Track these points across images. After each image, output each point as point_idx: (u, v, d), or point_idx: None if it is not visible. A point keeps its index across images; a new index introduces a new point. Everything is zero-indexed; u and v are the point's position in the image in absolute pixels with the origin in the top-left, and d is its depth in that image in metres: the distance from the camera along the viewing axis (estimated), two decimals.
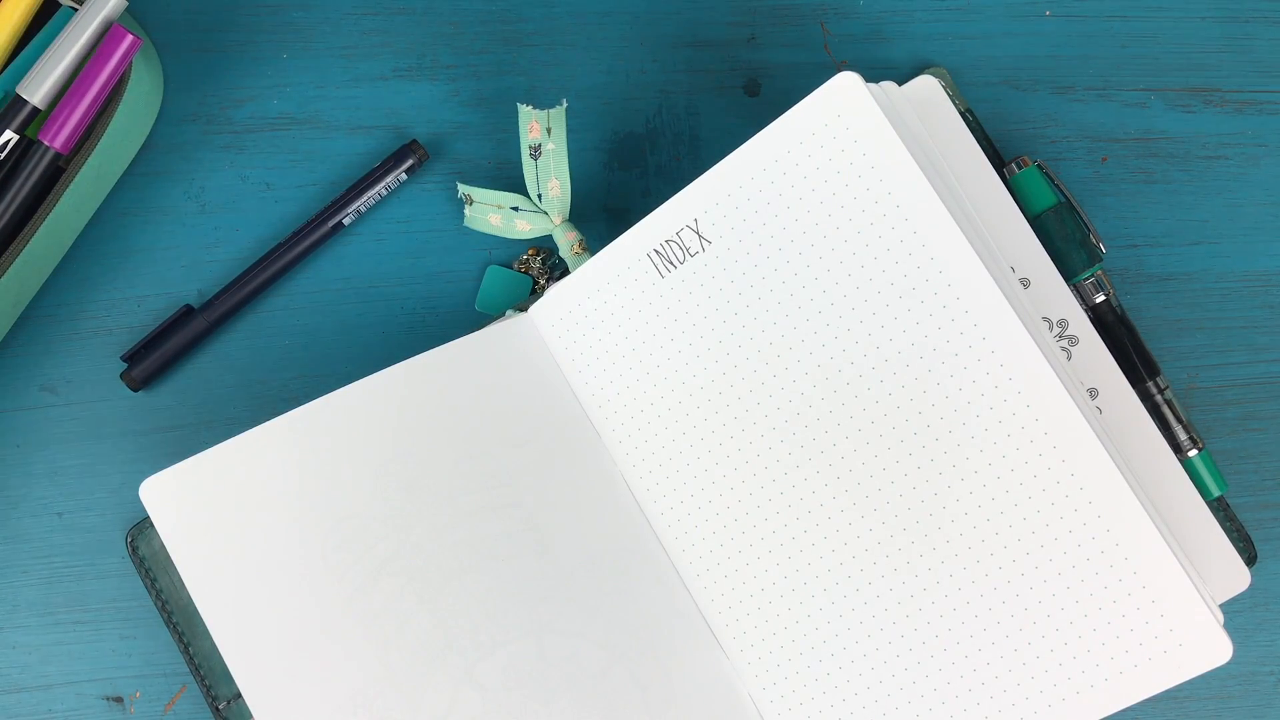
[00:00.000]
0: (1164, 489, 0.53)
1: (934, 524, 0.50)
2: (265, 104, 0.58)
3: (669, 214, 0.52)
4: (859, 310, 0.50)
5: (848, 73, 0.49)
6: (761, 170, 0.51)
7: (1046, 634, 0.50)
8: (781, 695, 0.53)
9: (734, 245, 0.52)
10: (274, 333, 0.57)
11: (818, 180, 0.50)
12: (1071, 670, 0.50)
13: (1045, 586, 0.50)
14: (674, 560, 0.54)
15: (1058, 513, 0.49)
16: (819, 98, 0.50)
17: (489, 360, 0.54)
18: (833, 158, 0.50)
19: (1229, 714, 0.57)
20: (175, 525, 0.51)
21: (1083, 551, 0.49)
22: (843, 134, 0.50)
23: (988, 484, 0.50)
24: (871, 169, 0.50)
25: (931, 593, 0.51)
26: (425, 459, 0.52)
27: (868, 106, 0.49)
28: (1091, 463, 0.49)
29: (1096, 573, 0.49)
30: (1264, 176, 0.58)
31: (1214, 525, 0.53)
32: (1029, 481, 0.49)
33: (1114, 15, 0.58)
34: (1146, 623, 0.49)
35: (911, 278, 0.50)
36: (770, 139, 0.51)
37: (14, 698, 0.56)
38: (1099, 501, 0.49)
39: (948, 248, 0.49)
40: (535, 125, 0.55)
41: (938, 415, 0.50)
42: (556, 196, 0.55)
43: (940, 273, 0.49)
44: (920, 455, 0.50)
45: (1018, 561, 0.50)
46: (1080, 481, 0.49)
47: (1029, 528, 0.49)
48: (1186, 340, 0.58)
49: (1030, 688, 0.50)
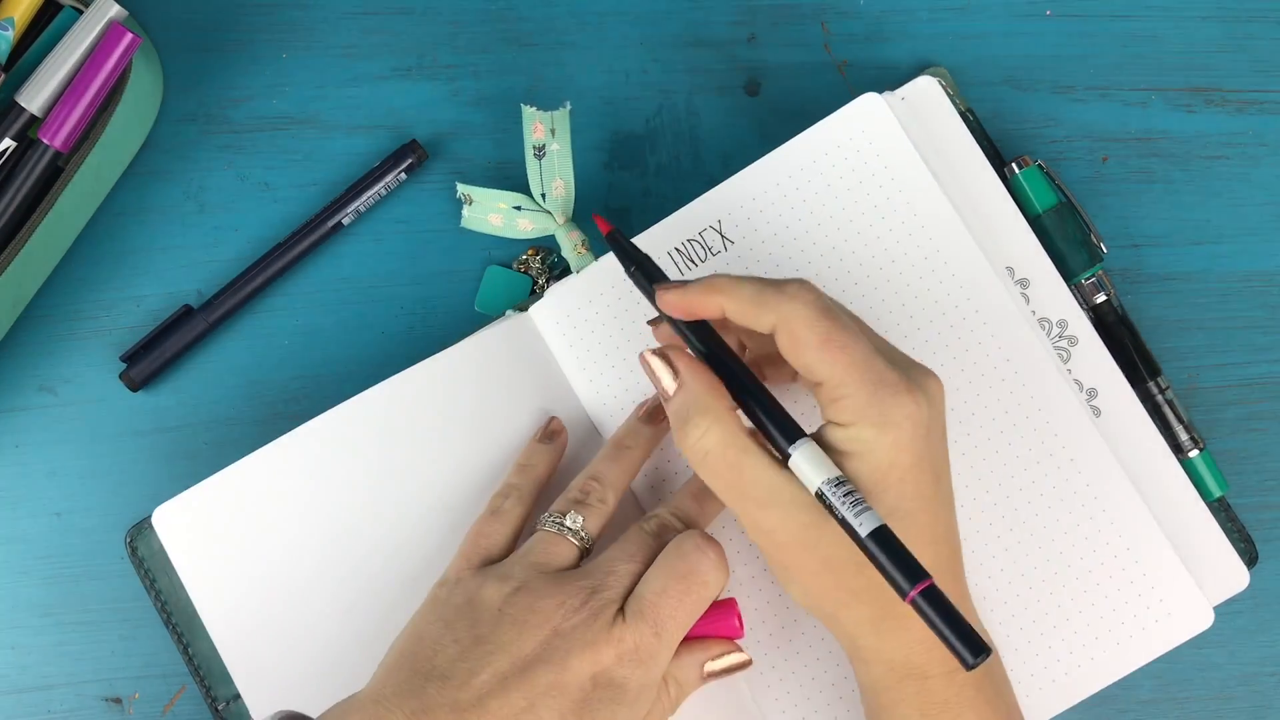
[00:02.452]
0: (1165, 489, 0.53)
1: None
2: (264, 104, 0.58)
3: (693, 214, 0.53)
4: (875, 310, 0.52)
5: (871, 95, 0.52)
6: (787, 177, 0.53)
7: (1050, 611, 0.51)
8: (787, 692, 0.53)
9: (755, 246, 0.53)
10: (274, 333, 0.57)
11: (840, 189, 0.53)
12: (1073, 645, 0.51)
13: (1048, 566, 0.52)
14: None
15: (1059, 496, 0.51)
16: (844, 117, 0.53)
17: (490, 365, 0.53)
18: (855, 169, 0.53)
19: (1229, 714, 0.57)
20: (189, 551, 0.52)
21: (1082, 532, 0.51)
22: (866, 148, 0.53)
23: (987, 458, 0.51)
24: (891, 180, 0.53)
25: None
26: (428, 466, 0.53)
27: (891, 128, 0.52)
28: (1085, 447, 0.51)
29: (1094, 550, 0.51)
30: (1264, 176, 0.58)
31: (1215, 526, 0.53)
32: (1032, 467, 0.51)
33: (1114, 15, 0.58)
34: (1139, 595, 0.51)
35: (926, 279, 0.52)
36: (796, 150, 0.53)
37: (14, 698, 0.56)
38: (1095, 484, 0.52)
39: (961, 256, 0.52)
40: (539, 126, 0.55)
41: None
42: (560, 196, 0.55)
43: (953, 275, 0.52)
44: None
45: (1023, 543, 0.51)
46: (1079, 466, 0.51)
47: (1033, 510, 0.51)
48: (1187, 340, 0.58)
49: (1034, 664, 0.51)
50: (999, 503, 0.52)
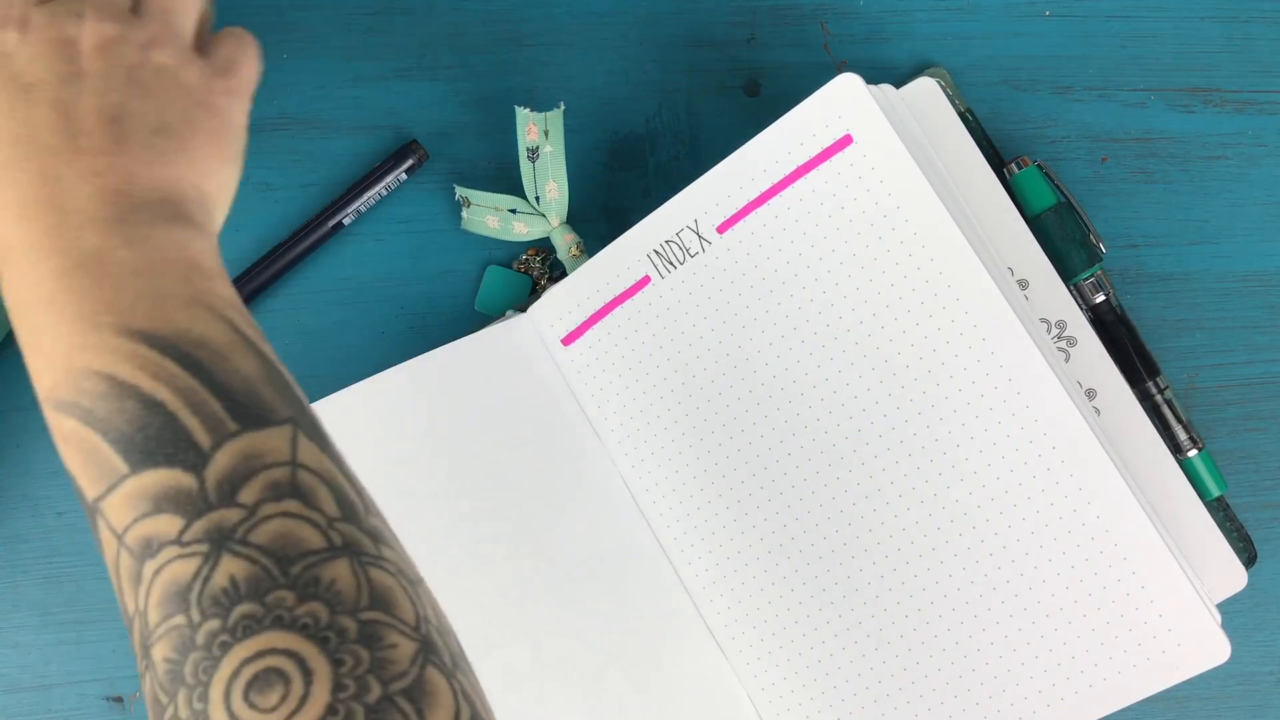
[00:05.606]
0: (1163, 489, 0.53)
1: (933, 524, 0.50)
2: (265, 104, 0.58)
3: (669, 215, 0.52)
4: (859, 310, 0.51)
5: (849, 74, 0.49)
6: (763, 171, 0.51)
7: (1045, 634, 0.50)
8: (780, 696, 0.53)
9: (734, 245, 0.52)
10: (274, 333, 0.57)
11: (818, 181, 0.50)
12: (1070, 670, 0.50)
13: (1044, 587, 0.50)
14: (672, 561, 0.54)
15: (1057, 513, 0.49)
16: (820, 99, 0.50)
17: (486, 363, 0.54)
18: (833, 159, 0.50)
19: (1229, 714, 0.57)
20: None
21: (1082, 552, 0.49)
22: (843, 135, 0.50)
23: (987, 485, 0.50)
24: (872, 170, 0.50)
25: (930, 593, 0.51)
26: (422, 462, 0.52)
27: (869, 109, 0.49)
28: (1091, 465, 0.49)
29: (1095, 573, 0.49)
30: (1264, 176, 0.58)
31: (1213, 525, 0.53)
32: (1028, 483, 0.49)
33: (1114, 15, 0.58)
34: (1145, 623, 0.49)
35: (911, 279, 0.50)
36: (771, 139, 0.51)
37: (14, 698, 0.56)
38: (1098, 503, 0.49)
39: (948, 248, 0.49)
40: (533, 127, 0.55)
41: (937, 416, 0.50)
42: (554, 199, 0.55)
43: (941, 273, 0.50)
44: (920, 456, 0.50)
45: (1017, 562, 0.50)
46: (1080, 483, 0.49)
47: (1028, 528, 0.50)
48: (1186, 340, 0.58)
49: (1029, 688, 0.50)
50: (991, 519, 0.50)
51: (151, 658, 0.33)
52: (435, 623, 0.35)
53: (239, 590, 0.33)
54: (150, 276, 0.36)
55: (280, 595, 0.33)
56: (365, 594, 0.34)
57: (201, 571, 0.33)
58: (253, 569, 0.33)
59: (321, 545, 0.34)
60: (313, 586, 0.33)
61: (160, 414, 0.34)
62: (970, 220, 0.52)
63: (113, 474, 0.35)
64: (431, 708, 0.32)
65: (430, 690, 0.33)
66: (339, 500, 0.35)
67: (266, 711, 0.31)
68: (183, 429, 0.34)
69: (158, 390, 0.35)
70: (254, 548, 0.33)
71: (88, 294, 0.36)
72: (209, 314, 0.37)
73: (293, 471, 0.35)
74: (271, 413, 0.36)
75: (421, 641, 0.34)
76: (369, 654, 0.33)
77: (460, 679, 0.34)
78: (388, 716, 0.32)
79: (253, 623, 0.32)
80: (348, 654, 0.32)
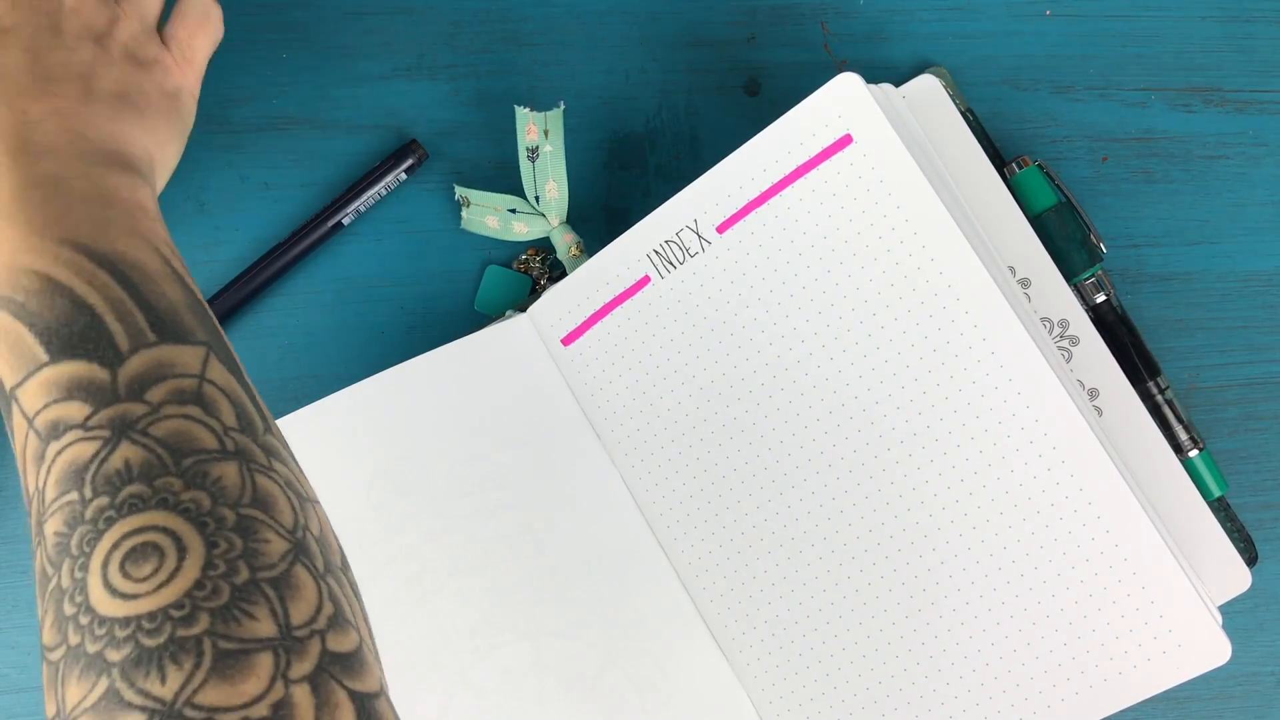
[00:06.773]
0: (1164, 489, 0.53)
1: (934, 524, 0.50)
2: (265, 103, 0.58)
3: (669, 214, 0.52)
4: (859, 310, 0.50)
5: (848, 74, 0.49)
6: (763, 170, 0.51)
7: (1046, 635, 0.50)
8: (780, 696, 0.53)
9: (734, 245, 0.52)
10: (274, 333, 0.57)
11: (818, 180, 0.50)
12: (1071, 671, 0.50)
13: (1045, 587, 0.50)
14: (672, 561, 0.54)
15: (1058, 514, 0.49)
16: (820, 99, 0.50)
17: (486, 362, 0.54)
18: (833, 158, 0.50)
19: (1229, 714, 0.57)
20: None
21: (1083, 553, 0.49)
22: (843, 135, 0.50)
23: (988, 485, 0.50)
24: (872, 170, 0.50)
25: (931, 593, 0.51)
26: (422, 462, 0.52)
27: (869, 108, 0.49)
28: (1092, 465, 0.49)
29: (1096, 574, 0.49)
30: (1264, 176, 0.58)
31: (1214, 525, 0.53)
32: (1029, 483, 0.49)
33: (1114, 15, 0.58)
34: (1146, 623, 0.49)
35: (911, 278, 0.50)
36: (771, 139, 0.51)
37: (14, 698, 0.56)
38: (1099, 503, 0.49)
39: (948, 248, 0.49)
40: (533, 127, 0.55)
41: (937, 416, 0.50)
42: (554, 199, 0.55)
43: (940, 273, 0.49)
44: (920, 456, 0.50)
45: (1018, 562, 0.50)
46: (1081, 483, 0.49)
47: (1029, 528, 0.49)
48: (1187, 340, 0.57)
49: (1030, 688, 0.50)
50: (992, 519, 0.51)
51: (44, 532, 0.35)
52: (316, 534, 0.37)
53: (131, 473, 0.35)
54: (98, 205, 0.40)
55: (168, 481, 0.35)
56: (248, 494, 0.36)
57: (100, 454, 0.35)
58: (147, 455, 0.35)
59: (214, 447, 0.36)
60: (200, 479, 0.35)
61: (87, 314, 0.37)
62: (971, 220, 0.52)
63: (33, 362, 0.37)
64: (294, 600, 0.34)
65: (296, 584, 0.35)
66: (239, 415, 0.38)
67: (139, 580, 0.33)
68: (106, 331, 0.37)
69: (89, 295, 0.37)
70: (152, 439, 0.35)
71: (39, 209, 0.39)
72: (146, 244, 0.40)
73: (199, 384, 0.37)
74: (190, 334, 0.38)
75: (295, 544, 0.36)
76: (243, 543, 0.34)
77: (330, 582, 0.36)
78: (251, 598, 0.34)
79: (139, 501, 0.34)
80: (223, 539, 0.34)
